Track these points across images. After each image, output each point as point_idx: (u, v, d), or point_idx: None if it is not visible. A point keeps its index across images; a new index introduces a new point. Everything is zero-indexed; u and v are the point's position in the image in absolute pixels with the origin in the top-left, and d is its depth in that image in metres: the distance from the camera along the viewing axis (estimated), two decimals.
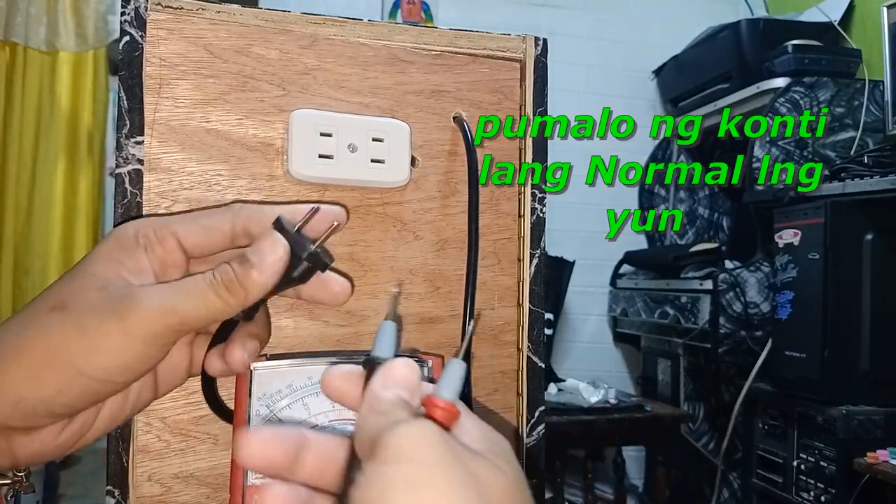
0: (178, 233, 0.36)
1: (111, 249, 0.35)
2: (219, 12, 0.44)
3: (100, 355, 0.32)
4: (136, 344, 0.32)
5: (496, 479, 0.26)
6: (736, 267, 1.95)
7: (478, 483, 0.25)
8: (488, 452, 0.28)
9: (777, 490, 1.70)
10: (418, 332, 0.48)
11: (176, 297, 0.33)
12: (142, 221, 0.37)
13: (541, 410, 0.50)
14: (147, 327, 0.32)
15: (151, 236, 0.36)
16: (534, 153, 0.51)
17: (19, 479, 0.36)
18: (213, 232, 0.37)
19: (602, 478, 2.12)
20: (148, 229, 0.36)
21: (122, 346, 0.32)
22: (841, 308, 1.56)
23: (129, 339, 0.32)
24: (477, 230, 0.47)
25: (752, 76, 2.07)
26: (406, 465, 0.25)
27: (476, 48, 0.51)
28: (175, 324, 0.33)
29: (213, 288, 0.33)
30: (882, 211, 1.55)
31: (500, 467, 0.27)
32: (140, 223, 0.36)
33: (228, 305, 0.34)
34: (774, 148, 1.91)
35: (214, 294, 0.33)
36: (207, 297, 0.33)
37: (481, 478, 0.26)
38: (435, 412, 0.29)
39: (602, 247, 2.57)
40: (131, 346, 0.32)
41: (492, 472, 0.26)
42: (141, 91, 0.42)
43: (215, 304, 0.33)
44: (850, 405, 1.53)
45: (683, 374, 2.24)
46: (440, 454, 0.26)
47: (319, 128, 0.45)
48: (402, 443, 0.26)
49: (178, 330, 0.33)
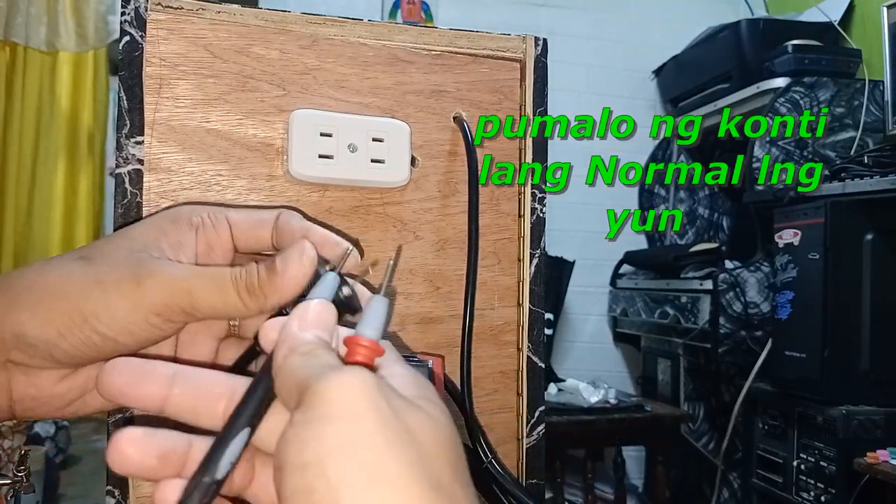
0: (231, 217, 0.36)
1: (160, 219, 0.35)
2: (219, 12, 0.44)
3: (107, 310, 0.31)
4: (142, 311, 0.32)
5: (432, 431, 0.26)
6: (736, 267, 1.95)
7: (415, 440, 0.25)
8: (420, 399, 0.27)
9: (777, 490, 1.70)
10: (418, 332, 0.48)
11: (196, 280, 0.33)
12: (198, 206, 0.37)
13: (541, 410, 0.50)
14: (158, 299, 0.32)
15: (206, 218, 0.36)
16: (534, 153, 0.51)
17: (19, 479, 0.36)
18: (263, 225, 0.36)
19: (602, 478, 2.12)
20: (203, 212, 0.36)
21: (130, 308, 0.32)
22: (841, 308, 1.56)
23: (137, 303, 0.32)
24: (477, 230, 0.47)
25: (752, 76, 2.07)
26: (343, 424, 0.24)
27: (476, 48, 0.51)
28: (186, 305, 0.32)
29: (235, 283, 0.33)
30: (882, 211, 1.55)
31: (435, 417, 0.27)
32: (197, 207, 0.37)
33: (245, 306, 0.33)
34: (774, 148, 1.91)
35: (234, 289, 0.33)
36: (226, 290, 0.33)
37: (418, 433, 0.25)
38: (358, 350, 0.28)
39: (602, 247, 2.57)
40: (138, 312, 0.32)
41: (427, 424, 0.26)
42: (141, 91, 0.42)
43: (233, 299, 0.33)
44: (850, 405, 1.53)
45: (683, 374, 2.24)
46: (377, 410, 0.25)
47: (319, 128, 0.45)
48: (335, 395, 0.25)
49: (187, 312, 0.33)
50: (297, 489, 0.24)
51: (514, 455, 0.50)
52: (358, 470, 0.23)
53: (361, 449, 0.24)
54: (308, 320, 0.30)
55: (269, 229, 0.36)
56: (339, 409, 0.25)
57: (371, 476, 0.23)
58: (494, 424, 0.49)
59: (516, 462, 0.50)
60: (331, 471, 0.23)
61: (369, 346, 0.28)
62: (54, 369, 0.33)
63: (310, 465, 0.24)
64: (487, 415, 0.49)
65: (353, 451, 0.24)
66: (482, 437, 0.47)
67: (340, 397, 0.25)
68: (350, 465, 0.23)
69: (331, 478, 0.23)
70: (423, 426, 0.26)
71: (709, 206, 2.60)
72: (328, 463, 0.24)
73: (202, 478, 0.27)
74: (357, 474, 0.23)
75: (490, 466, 0.45)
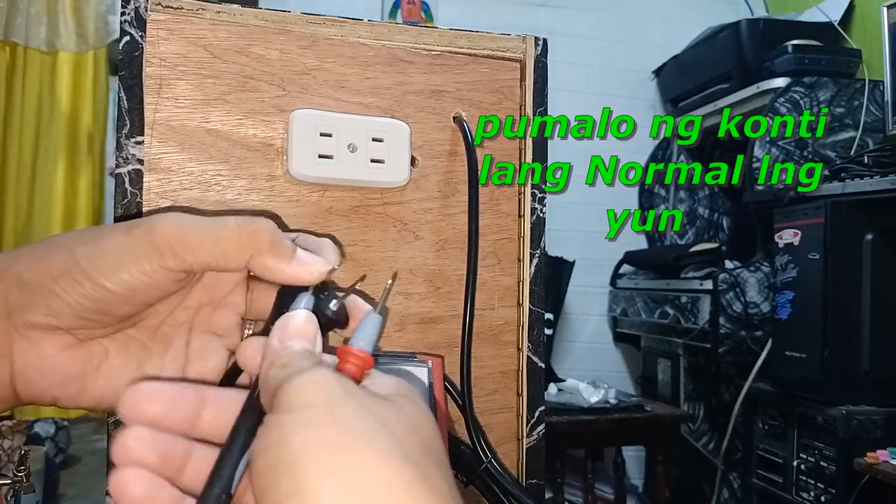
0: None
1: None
2: (219, 12, 0.44)
3: (98, 252, 0.31)
4: (132, 252, 0.31)
5: (400, 417, 0.26)
6: (736, 267, 1.95)
7: (381, 421, 0.25)
8: (395, 396, 0.28)
9: (777, 490, 1.70)
10: (418, 332, 0.48)
11: (188, 217, 0.32)
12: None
13: (541, 410, 0.50)
14: (148, 238, 0.31)
15: None
16: (534, 153, 0.51)
17: (19, 479, 0.36)
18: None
19: (602, 478, 2.12)
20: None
21: (120, 250, 0.31)
22: (841, 308, 1.56)
23: (129, 245, 0.31)
24: (477, 230, 0.47)
25: (752, 76, 2.07)
26: (305, 411, 0.25)
27: (476, 48, 0.51)
28: (176, 243, 0.31)
29: (238, 229, 0.32)
30: (882, 211, 1.55)
31: (406, 408, 0.27)
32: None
33: (239, 247, 0.32)
34: (774, 148, 1.91)
35: (234, 227, 0.32)
36: (220, 228, 0.32)
37: (386, 418, 0.26)
38: (348, 359, 0.29)
39: (602, 247, 2.57)
40: (129, 254, 0.31)
41: (396, 412, 0.27)
42: (141, 91, 0.42)
43: (227, 235, 0.32)
44: (850, 405, 1.53)
45: (683, 374, 2.24)
46: (338, 395, 0.26)
47: (319, 128, 0.45)
48: (299, 390, 0.26)
49: (177, 253, 0.31)
50: (260, 469, 0.24)
51: (514, 455, 0.50)
52: (319, 442, 0.24)
53: (323, 424, 0.24)
54: (288, 332, 0.30)
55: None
56: (304, 399, 0.25)
57: (332, 446, 0.24)
58: (494, 424, 0.49)
59: (516, 462, 0.50)
60: (293, 445, 0.24)
61: (359, 356, 0.30)
62: (55, 333, 0.33)
63: (273, 445, 0.24)
64: (487, 415, 0.49)
65: (315, 429, 0.24)
66: (482, 437, 0.47)
67: (305, 390, 0.26)
68: (311, 438, 0.24)
69: (292, 449, 0.24)
70: (391, 413, 0.26)
71: (709, 206, 2.60)
72: (290, 439, 0.24)
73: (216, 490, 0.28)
74: (318, 445, 0.24)
75: (490, 466, 0.45)
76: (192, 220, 0.32)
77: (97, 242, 0.32)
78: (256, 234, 0.32)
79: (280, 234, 0.33)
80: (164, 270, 0.32)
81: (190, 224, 0.32)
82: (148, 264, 0.31)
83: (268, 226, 0.33)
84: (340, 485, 0.23)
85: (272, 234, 0.33)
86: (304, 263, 0.33)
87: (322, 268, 0.33)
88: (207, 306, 0.36)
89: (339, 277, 0.46)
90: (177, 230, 0.32)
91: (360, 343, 0.30)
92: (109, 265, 0.31)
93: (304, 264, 0.33)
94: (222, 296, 0.36)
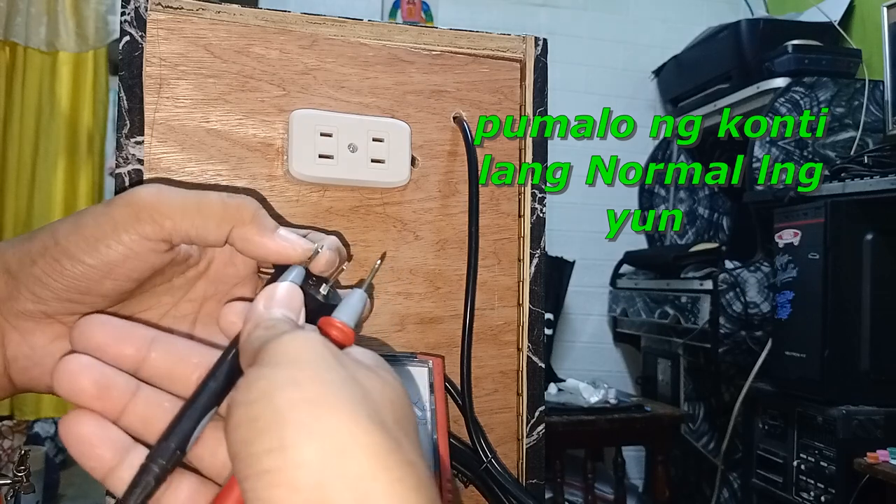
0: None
1: None
2: (219, 12, 0.44)
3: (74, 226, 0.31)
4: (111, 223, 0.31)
5: (380, 386, 0.27)
6: (736, 267, 1.95)
7: (362, 387, 0.26)
8: (375, 367, 0.28)
9: (777, 490, 1.70)
10: (418, 332, 0.48)
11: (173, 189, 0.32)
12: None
13: (541, 410, 0.50)
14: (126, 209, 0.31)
15: None
16: (534, 153, 0.51)
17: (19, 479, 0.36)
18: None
19: (602, 478, 2.12)
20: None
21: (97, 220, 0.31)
22: (841, 308, 1.56)
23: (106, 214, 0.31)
24: (477, 230, 0.47)
25: (752, 76, 2.07)
26: (290, 368, 0.25)
27: (476, 48, 0.51)
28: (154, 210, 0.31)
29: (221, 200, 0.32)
30: (882, 211, 1.55)
31: (384, 378, 0.28)
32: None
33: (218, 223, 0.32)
34: (774, 148, 1.91)
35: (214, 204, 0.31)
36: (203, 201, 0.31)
37: (366, 384, 0.26)
38: (331, 331, 0.30)
39: (602, 247, 2.57)
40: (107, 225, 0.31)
41: (376, 379, 0.27)
42: (141, 91, 0.42)
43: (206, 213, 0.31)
44: (850, 405, 1.53)
45: (683, 374, 2.24)
46: (324, 356, 0.26)
47: (319, 128, 0.45)
48: (285, 348, 0.26)
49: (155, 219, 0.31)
50: (240, 420, 0.24)
51: (514, 455, 0.50)
52: (304, 400, 0.24)
53: (308, 383, 0.24)
54: (274, 300, 0.30)
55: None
56: (289, 357, 0.26)
57: (316, 403, 0.24)
58: (494, 424, 0.49)
59: (516, 462, 0.50)
60: (277, 400, 0.24)
61: (341, 328, 0.30)
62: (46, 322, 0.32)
63: (257, 399, 0.24)
64: (487, 415, 0.49)
65: (299, 386, 0.24)
66: (482, 437, 0.47)
67: (291, 348, 0.26)
68: (297, 395, 0.24)
69: (277, 405, 0.24)
70: (372, 380, 0.27)
71: (709, 206, 2.60)
72: (275, 395, 0.24)
73: (171, 444, 0.28)
74: (303, 402, 0.24)
75: (490, 466, 0.45)
76: (173, 190, 0.32)
77: (76, 219, 0.32)
78: (240, 206, 0.32)
79: (263, 211, 0.33)
80: (143, 240, 0.31)
81: (171, 192, 0.32)
82: (125, 233, 0.31)
83: (251, 201, 0.33)
84: (322, 445, 0.23)
85: (255, 209, 0.33)
86: (286, 239, 0.33)
87: (305, 245, 0.33)
88: (212, 299, 0.36)
89: (339, 277, 0.46)
90: (156, 196, 0.31)
91: (343, 317, 0.30)
92: (87, 238, 0.31)
93: (286, 240, 0.33)
94: (228, 289, 0.36)
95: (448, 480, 0.40)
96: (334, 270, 0.34)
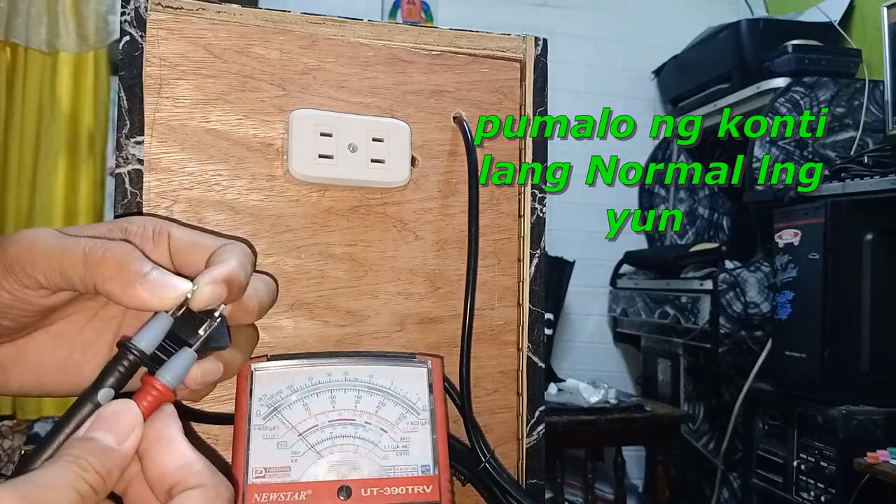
0: (173, 234, 0.35)
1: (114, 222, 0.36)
2: (219, 12, 0.44)
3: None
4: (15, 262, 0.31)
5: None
6: (736, 267, 1.95)
7: None
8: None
9: (777, 490, 1.70)
10: (418, 332, 0.48)
11: (47, 240, 0.32)
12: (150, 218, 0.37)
13: (541, 410, 0.50)
14: (8, 250, 0.31)
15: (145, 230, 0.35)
16: (534, 153, 0.51)
17: None
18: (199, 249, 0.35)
19: (602, 478, 2.12)
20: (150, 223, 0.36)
21: (14, 255, 0.31)
22: (841, 308, 1.56)
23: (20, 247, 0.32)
24: (477, 230, 0.47)
25: (752, 76, 2.07)
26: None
27: (476, 48, 0.51)
28: (26, 264, 0.31)
29: (84, 255, 0.31)
30: (882, 211, 1.55)
31: None
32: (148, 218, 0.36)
33: (81, 280, 0.31)
34: (774, 148, 1.91)
35: (76, 261, 0.31)
36: (66, 257, 0.31)
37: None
38: (150, 392, 0.30)
39: (602, 247, 2.57)
40: (15, 260, 0.31)
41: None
42: (141, 91, 0.42)
43: (69, 270, 0.31)
44: (850, 405, 1.53)
45: (683, 374, 2.24)
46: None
47: (319, 128, 0.45)
48: None
49: (27, 273, 0.31)
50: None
51: (514, 455, 0.50)
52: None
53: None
54: (96, 423, 0.29)
55: (207, 255, 0.35)
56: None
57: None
58: (494, 424, 0.49)
59: (516, 462, 0.50)
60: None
61: (161, 391, 0.30)
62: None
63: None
64: (487, 415, 0.49)
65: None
66: (480, 437, 0.47)
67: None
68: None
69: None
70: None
71: (709, 206, 2.60)
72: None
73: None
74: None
75: (488, 466, 0.45)
76: (47, 241, 0.32)
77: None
78: (101, 261, 0.31)
79: (134, 257, 0.32)
80: (23, 287, 0.31)
81: (43, 245, 0.31)
82: (5, 280, 0.31)
83: (119, 251, 0.32)
84: None
85: (120, 260, 0.31)
86: (154, 289, 0.31)
87: (174, 293, 0.31)
88: None
89: (338, 277, 0.46)
90: (27, 251, 0.31)
91: (167, 377, 0.31)
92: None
93: (153, 290, 0.31)
94: None
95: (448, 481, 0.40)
96: (229, 297, 0.33)
